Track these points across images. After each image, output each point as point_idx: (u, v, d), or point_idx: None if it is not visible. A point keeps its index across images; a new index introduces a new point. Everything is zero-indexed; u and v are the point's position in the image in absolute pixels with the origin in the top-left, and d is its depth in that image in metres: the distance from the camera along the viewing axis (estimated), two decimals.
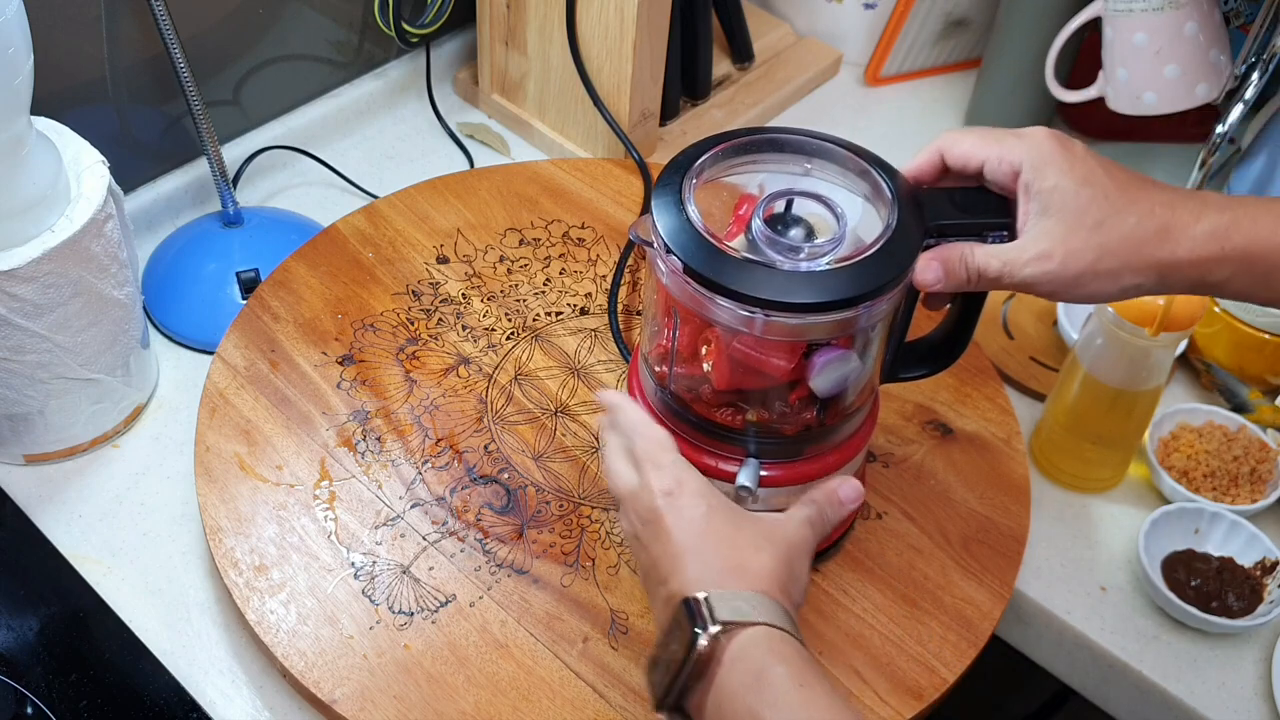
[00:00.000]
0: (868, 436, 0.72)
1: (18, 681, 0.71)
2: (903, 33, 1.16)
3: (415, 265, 0.93)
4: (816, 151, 0.67)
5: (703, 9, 1.05)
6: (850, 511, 0.66)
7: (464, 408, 0.84)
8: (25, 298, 0.73)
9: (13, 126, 0.70)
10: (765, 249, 0.61)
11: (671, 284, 0.63)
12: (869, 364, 0.67)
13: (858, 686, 0.71)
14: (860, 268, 0.61)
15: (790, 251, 0.61)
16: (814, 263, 0.61)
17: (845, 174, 0.66)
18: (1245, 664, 0.77)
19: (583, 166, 1.02)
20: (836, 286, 0.60)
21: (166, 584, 0.77)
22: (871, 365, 0.67)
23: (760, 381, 0.65)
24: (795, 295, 0.59)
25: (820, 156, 0.67)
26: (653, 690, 0.59)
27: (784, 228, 0.62)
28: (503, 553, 0.76)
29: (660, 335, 0.68)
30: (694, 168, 0.64)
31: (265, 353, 0.85)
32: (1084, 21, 0.98)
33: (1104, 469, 0.85)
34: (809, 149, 0.67)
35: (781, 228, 0.62)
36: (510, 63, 1.08)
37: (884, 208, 0.64)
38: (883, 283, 0.61)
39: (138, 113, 0.95)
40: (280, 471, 0.79)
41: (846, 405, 0.68)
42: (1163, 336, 0.75)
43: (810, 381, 0.64)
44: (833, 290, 0.60)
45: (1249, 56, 0.93)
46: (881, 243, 0.61)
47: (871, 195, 0.65)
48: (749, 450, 0.68)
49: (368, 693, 0.68)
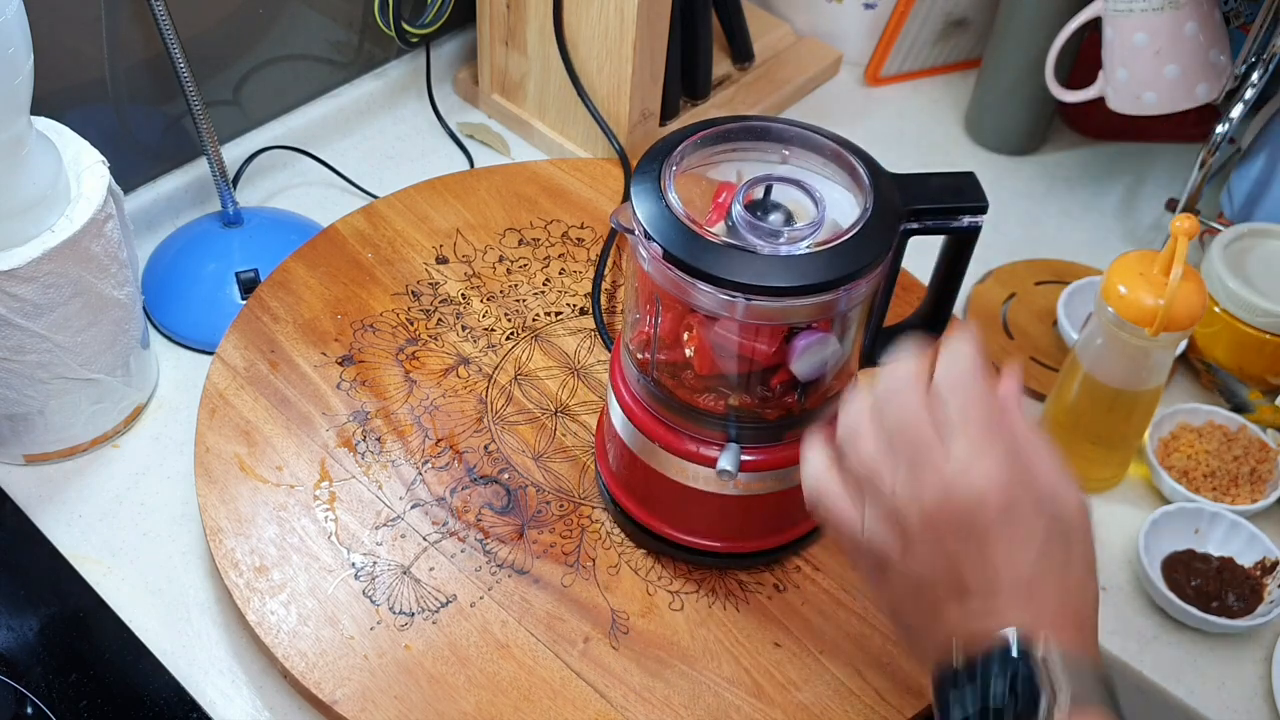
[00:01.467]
0: None
1: (18, 681, 0.71)
2: (903, 33, 1.16)
3: (415, 265, 0.93)
4: (794, 139, 0.67)
5: (703, 9, 1.05)
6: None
7: (464, 408, 0.84)
8: (25, 298, 0.73)
9: (13, 126, 0.70)
10: (745, 234, 0.62)
11: (653, 270, 0.64)
12: (848, 347, 0.68)
13: (858, 686, 0.71)
14: (839, 251, 0.61)
15: (770, 236, 0.62)
16: (794, 247, 0.61)
17: (822, 160, 0.67)
18: (1245, 664, 0.77)
19: (582, 166, 1.02)
20: (816, 270, 0.61)
21: (166, 584, 0.77)
22: (850, 348, 0.68)
23: (742, 366, 0.66)
24: (776, 279, 0.60)
25: (798, 144, 0.67)
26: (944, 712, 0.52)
27: (763, 213, 0.63)
28: (503, 553, 0.76)
29: (642, 322, 0.69)
30: (673, 155, 0.65)
31: (265, 353, 0.85)
32: (1084, 21, 0.98)
33: (1104, 469, 0.85)
34: (787, 137, 0.67)
35: (761, 213, 0.63)
36: (510, 63, 1.08)
37: (861, 193, 0.64)
38: (861, 265, 0.62)
39: (138, 113, 0.95)
40: (280, 472, 0.79)
41: (827, 389, 0.68)
42: (1163, 336, 0.75)
43: (791, 365, 0.65)
44: (813, 274, 0.60)
45: (1249, 56, 0.93)
46: (859, 226, 0.62)
47: (848, 181, 0.66)
48: (730, 435, 0.68)
49: (369, 693, 0.68)
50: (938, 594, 0.53)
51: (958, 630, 0.52)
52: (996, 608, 0.51)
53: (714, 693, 0.70)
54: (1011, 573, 0.51)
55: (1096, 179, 1.10)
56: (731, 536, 0.74)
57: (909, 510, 0.53)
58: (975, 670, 0.51)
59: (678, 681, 0.70)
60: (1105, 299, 0.76)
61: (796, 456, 0.69)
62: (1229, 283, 0.86)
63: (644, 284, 0.67)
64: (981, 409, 0.54)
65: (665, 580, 0.75)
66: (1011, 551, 0.51)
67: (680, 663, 0.71)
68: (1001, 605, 0.51)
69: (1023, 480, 0.53)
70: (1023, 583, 0.51)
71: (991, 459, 0.52)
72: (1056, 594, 0.52)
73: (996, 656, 0.50)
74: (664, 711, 0.69)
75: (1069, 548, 0.53)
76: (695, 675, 0.71)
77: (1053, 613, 0.51)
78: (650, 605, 0.74)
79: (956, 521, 0.52)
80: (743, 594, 0.75)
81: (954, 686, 0.51)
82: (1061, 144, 1.14)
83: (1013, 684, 0.50)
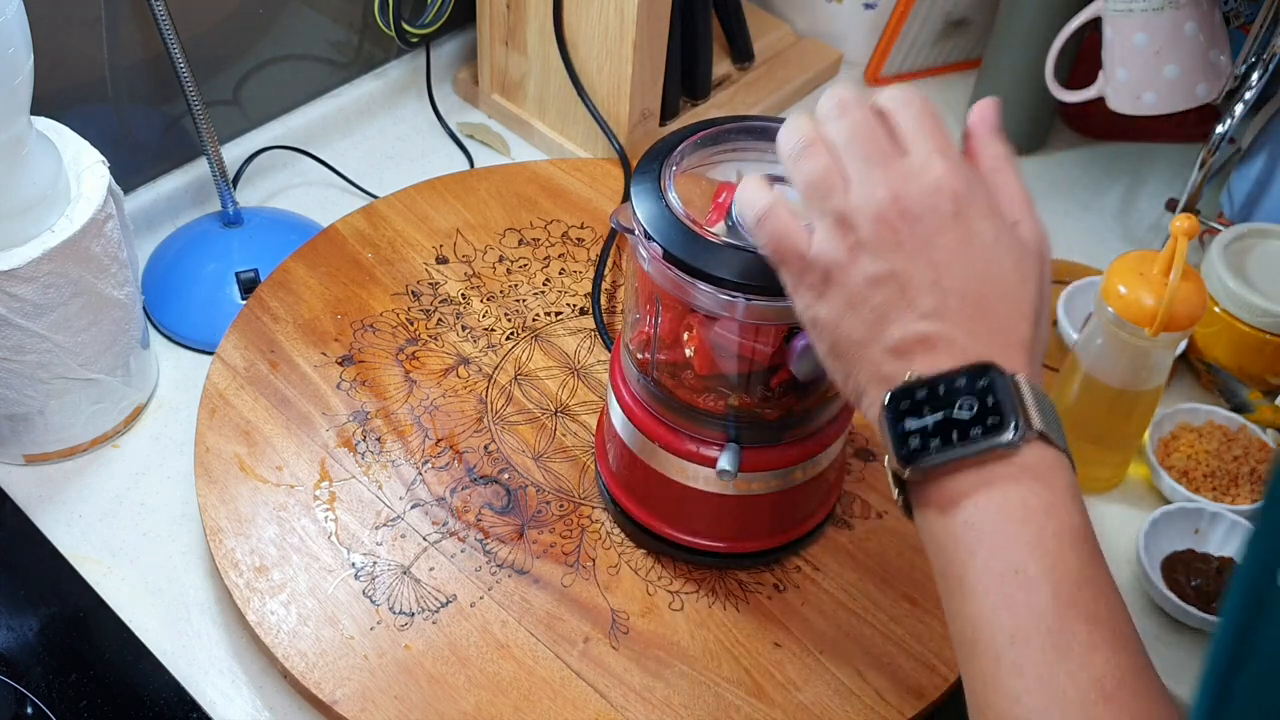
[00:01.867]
0: (848, 421, 0.73)
1: (18, 681, 0.71)
2: (903, 33, 1.16)
3: (415, 265, 0.93)
4: None
5: (703, 9, 1.05)
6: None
7: (464, 408, 0.84)
8: (25, 298, 0.73)
9: (13, 126, 0.70)
10: (745, 234, 0.62)
11: (653, 270, 0.64)
12: None
13: (858, 686, 0.71)
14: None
15: None
16: None
17: None
18: None
19: (582, 166, 1.02)
20: None
21: (166, 584, 0.77)
22: None
23: (742, 366, 0.66)
24: (775, 279, 0.60)
25: None
26: (897, 440, 0.50)
27: None
28: (503, 553, 0.76)
29: (642, 322, 0.69)
30: (673, 155, 0.65)
31: (265, 353, 0.85)
32: (1084, 21, 0.98)
33: (1104, 469, 0.85)
34: None
35: None
36: (510, 63, 1.08)
37: None
38: None
39: (138, 113, 0.95)
40: (280, 472, 0.79)
41: (827, 390, 0.68)
42: (1163, 336, 0.75)
43: (791, 366, 0.65)
44: None
45: (1249, 56, 0.93)
46: None
47: None
48: (730, 435, 0.69)
49: (369, 693, 0.68)
50: (887, 297, 0.50)
51: (907, 342, 0.50)
52: (948, 317, 0.50)
53: (714, 693, 0.70)
54: (960, 279, 0.49)
55: (1096, 179, 1.10)
56: (731, 536, 0.74)
57: (863, 210, 0.51)
58: (938, 385, 0.49)
59: (678, 681, 0.70)
60: (1105, 299, 0.76)
61: (797, 456, 0.70)
62: (1229, 283, 0.86)
63: (644, 284, 0.67)
64: (933, 121, 0.52)
65: (665, 580, 0.75)
66: (962, 253, 0.49)
67: (680, 663, 0.71)
68: (954, 316, 0.50)
69: (982, 189, 0.51)
70: (971, 298, 0.50)
71: (951, 161, 0.51)
72: (1011, 319, 0.50)
73: (964, 372, 0.49)
74: (664, 711, 0.69)
75: (1022, 269, 0.51)
76: (695, 675, 0.71)
77: (1006, 336, 0.50)
78: (650, 605, 0.74)
79: (910, 213, 0.50)
80: (743, 594, 0.75)
81: (909, 398, 0.50)
82: (1061, 144, 1.14)
83: (981, 401, 0.48)
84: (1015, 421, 0.48)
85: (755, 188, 0.56)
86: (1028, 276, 0.51)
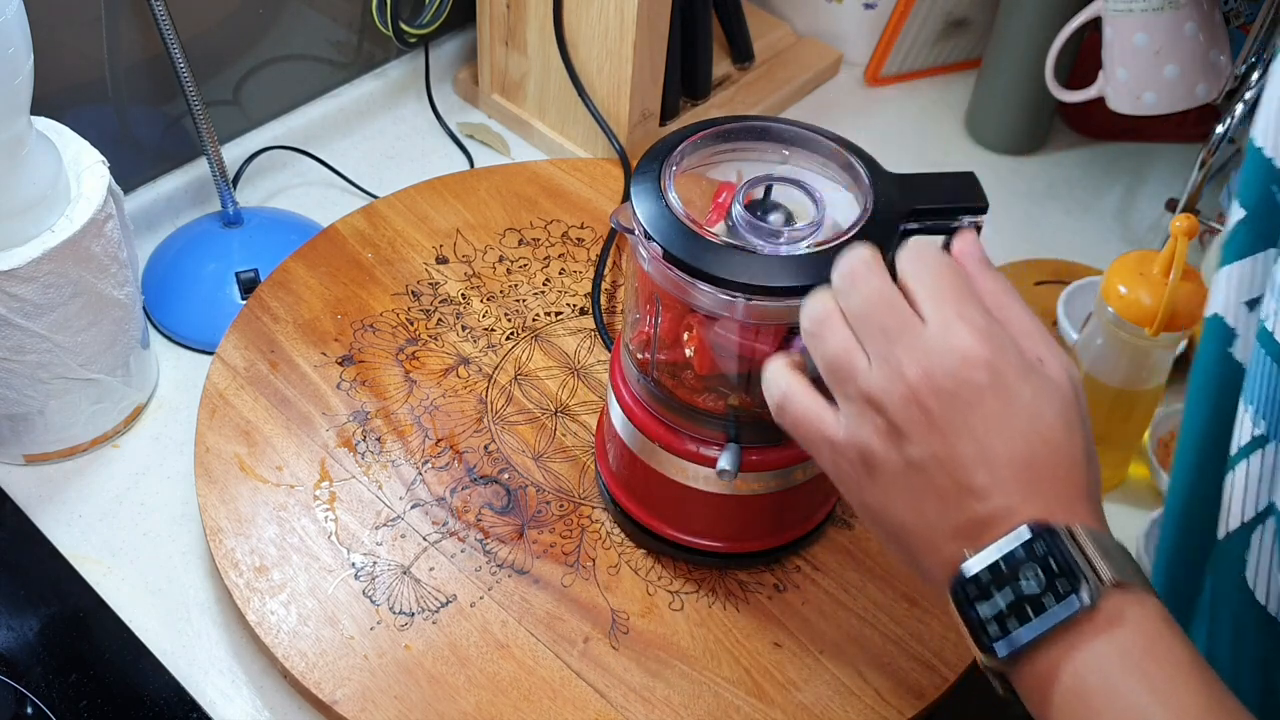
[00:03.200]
0: None
1: (18, 681, 0.71)
2: (903, 33, 1.16)
3: (415, 265, 0.93)
4: (794, 139, 0.67)
5: (703, 9, 1.05)
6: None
7: (464, 408, 0.84)
8: (25, 298, 0.73)
9: (13, 126, 0.70)
10: (745, 234, 0.62)
11: (653, 270, 0.64)
12: None
13: (859, 686, 0.71)
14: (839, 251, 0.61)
15: (770, 236, 0.61)
16: (794, 246, 0.61)
17: (822, 160, 0.67)
18: None
19: (582, 166, 1.02)
20: (816, 270, 0.60)
21: (166, 584, 0.77)
22: None
23: (742, 366, 0.66)
24: (776, 279, 0.60)
25: (797, 144, 0.67)
26: (973, 631, 0.48)
27: (763, 213, 0.63)
28: (503, 553, 0.76)
29: (642, 322, 0.69)
30: (673, 155, 0.65)
31: (265, 353, 0.85)
32: (1084, 21, 0.98)
33: (1104, 469, 0.84)
34: (787, 137, 0.67)
35: (761, 213, 0.63)
36: (510, 63, 1.08)
37: (861, 193, 0.64)
38: None
39: (138, 113, 0.95)
40: (280, 472, 0.79)
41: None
42: (1163, 336, 0.75)
43: None
44: (813, 273, 0.60)
45: (1249, 56, 0.93)
46: (859, 226, 0.62)
47: (848, 181, 0.66)
48: (730, 435, 0.68)
49: (369, 693, 0.68)
50: (934, 481, 0.49)
51: (964, 525, 0.49)
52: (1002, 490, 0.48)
53: (714, 693, 0.70)
54: (1006, 447, 0.48)
55: (1096, 179, 1.10)
56: (731, 536, 0.74)
57: (890, 391, 0.49)
58: (998, 564, 0.47)
59: (678, 681, 0.70)
60: (1105, 299, 0.76)
61: (797, 457, 0.70)
62: None
63: (644, 284, 0.67)
64: (951, 278, 0.51)
65: (665, 580, 0.75)
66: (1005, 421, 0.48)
67: (680, 663, 0.71)
68: (1007, 487, 0.48)
69: (1011, 346, 0.50)
70: (1021, 462, 0.48)
71: (971, 323, 0.49)
72: (1063, 470, 0.48)
73: (1020, 543, 0.47)
74: (664, 711, 0.69)
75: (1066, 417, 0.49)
76: (695, 675, 0.71)
77: (1062, 490, 0.48)
78: (650, 605, 0.74)
79: (944, 390, 0.48)
80: (743, 594, 0.75)
81: (975, 584, 0.48)
82: (1061, 144, 1.14)
83: (1045, 567, 0.46)
84: (1085, 580, 0.46)
85: (776, 371, 0.56)
86: (1072, 422, 0.50)
